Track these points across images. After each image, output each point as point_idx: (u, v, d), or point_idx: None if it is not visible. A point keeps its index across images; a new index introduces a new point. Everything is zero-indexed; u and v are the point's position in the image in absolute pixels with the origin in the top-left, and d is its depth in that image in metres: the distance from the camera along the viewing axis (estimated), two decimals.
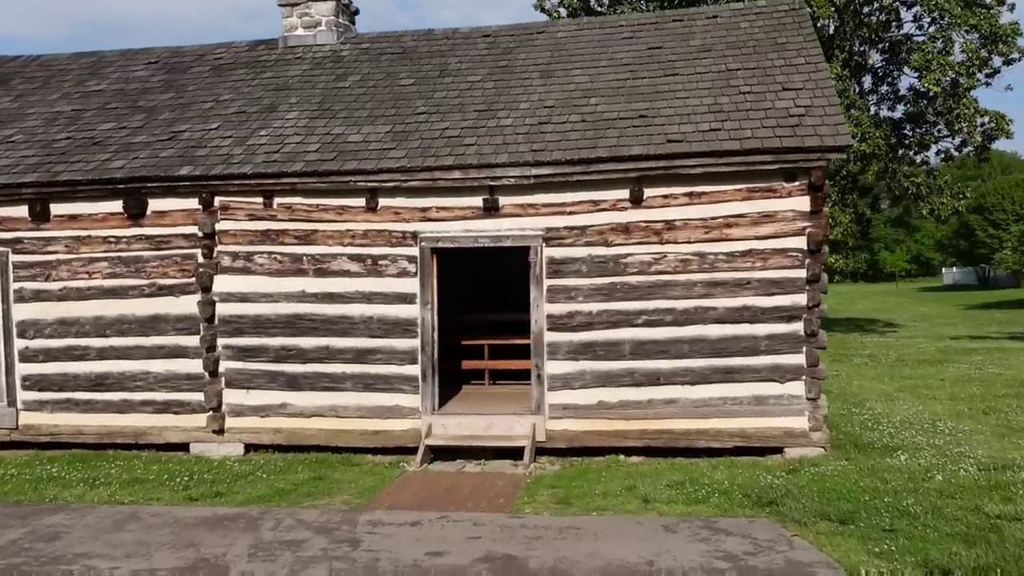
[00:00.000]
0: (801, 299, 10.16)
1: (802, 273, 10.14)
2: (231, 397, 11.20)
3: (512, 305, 12.69)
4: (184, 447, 11.27)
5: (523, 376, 12.36)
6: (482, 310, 13.87)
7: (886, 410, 13.02)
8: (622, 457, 10.49)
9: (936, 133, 28.61)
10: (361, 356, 10.91)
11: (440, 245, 10.74)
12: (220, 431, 11.19)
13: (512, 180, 10.39)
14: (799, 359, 10.20)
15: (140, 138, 11.82)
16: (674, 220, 10.33)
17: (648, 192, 10.33)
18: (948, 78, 25.30)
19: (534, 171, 10.32)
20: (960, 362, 18.95)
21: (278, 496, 9.10)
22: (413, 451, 10.71)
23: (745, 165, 10.01)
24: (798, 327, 10.17)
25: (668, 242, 10.35)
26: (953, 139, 28.31)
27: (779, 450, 10.27)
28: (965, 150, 28.65)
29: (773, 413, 10.26)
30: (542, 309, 10.57)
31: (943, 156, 29.75)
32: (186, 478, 9.87)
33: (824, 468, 9.45)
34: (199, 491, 9.32)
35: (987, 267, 69.26)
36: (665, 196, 10.34)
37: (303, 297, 11.01)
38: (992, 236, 63.08)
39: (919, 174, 28.51)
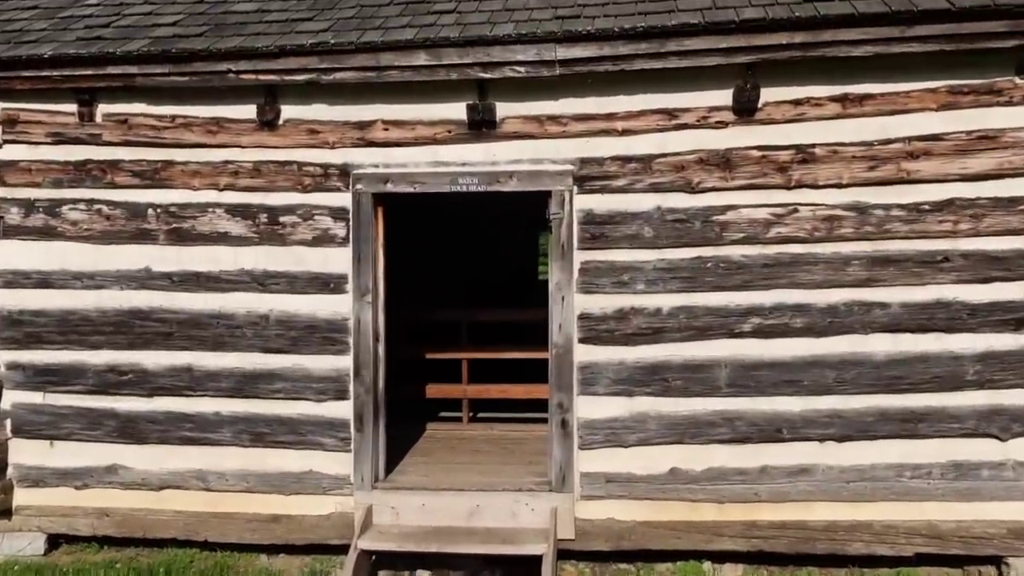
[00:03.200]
0: None
1: None
2: (22, 454, 6.42)
3: (511, 296, 8.06)
4: None
5: (524, 407, 7.77)
6: (459, 304, 9.21)
7: None
8: (711, 567, 5.90)
9: None
10: (248, 384, 6.20)
11: (390, 189, 6.05)
12: (4, 512, 6.41)
13: (521, 71, 5.74)
14: None
15: None
16: (812, 146, 5.74)
17: (767, 94, 5.73)
18: None
19: (561, 52, 5.67)
20: None
21: None
22: (339, 549, 6.05)
23: (951, 41, 5.45)
24: None
25: (801, 185, 5.76)
26: None
27: (996, 561, 5.74)
28: None
29: (987, 494, 5.72)
30: (570, 304, 5.93)
31: None
32: None
33: None
34: None
35: None
36: (797, 102, 5.74)
37: (148, 279, 6.26)
38: None
39: None
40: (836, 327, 5.76)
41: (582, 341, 5.93)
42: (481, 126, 5.92)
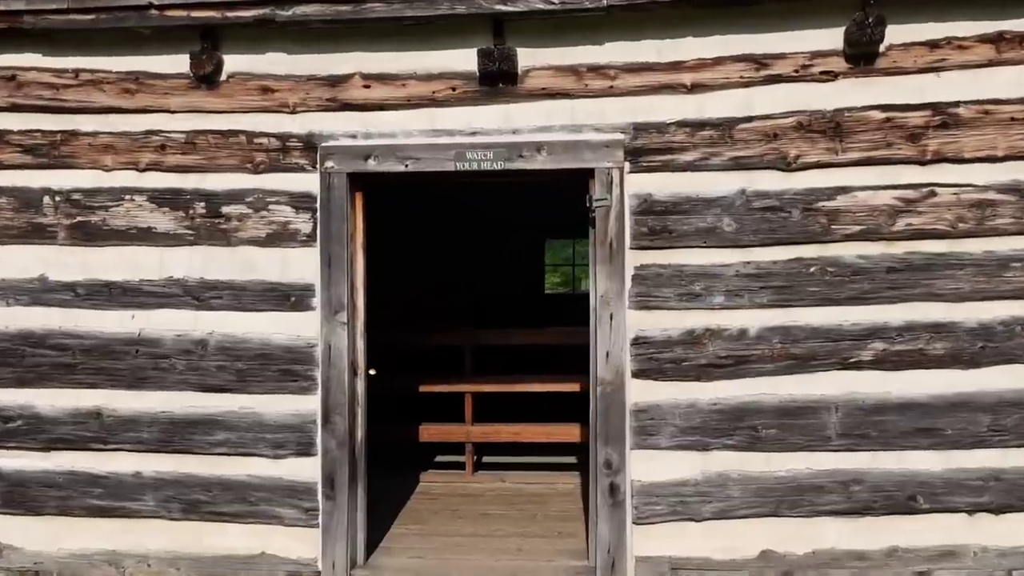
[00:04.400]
0: None
1: None
2: None
3: (517, 314, 6.45)
4: None
5: (540, 449, 6.21)
6: (460, 322, 7.58)
7: None
8: None
9: None
10: (179, 435, 4.53)
11: (373, 168, 4.42)
12: None
13: (555, 2, 4.15)
14: None
15: None
16: (955, 104, 4.15)
17: (893, 33, 4.14)
18: None
19: None
20: None
21: None
22: None
23: None
24: None
25: (940, 158, 4.17)
26: None
27: None
28: None
29: None
30: (621, 324, 4.30)
31: None
32: None
33: None
34: None
35: None
36: (933, 44, 4.15)
37: (43, 291, 4.60)
38: None
39: None
40: (991, 354, 4.15)
41: (638, 375, 4.31)
42: (497, 80, 4.31)
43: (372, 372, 4.71)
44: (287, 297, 4.45)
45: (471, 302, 10.62)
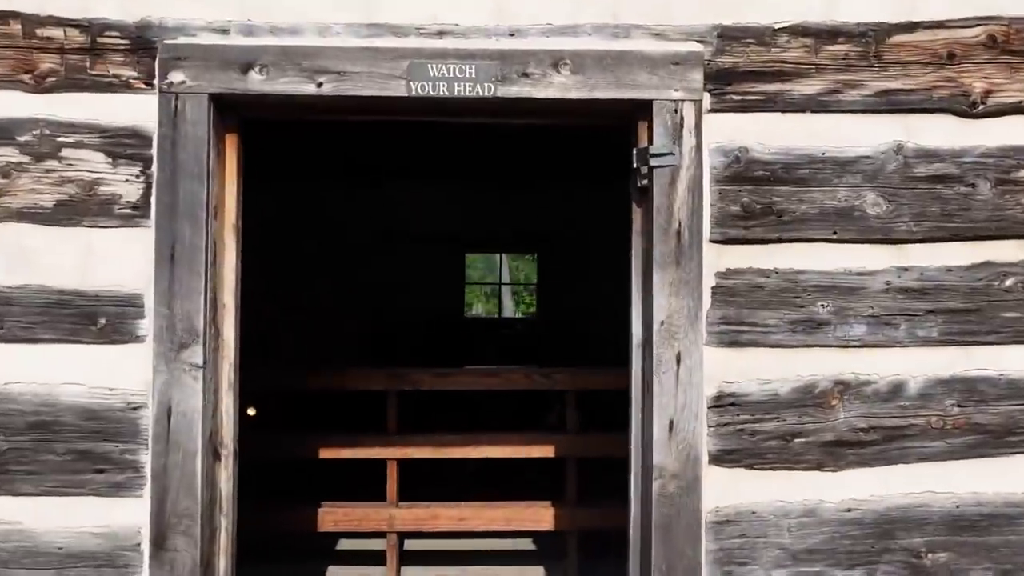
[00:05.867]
0: None
1: None
2: None
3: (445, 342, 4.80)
4: None
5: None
6: (383, 349, 5.76)
7: None
8: None
9: None
10: None
11: (255, 86, 2.44)
12: None
13: None
14: None
15: None
16: None
17: None
18: None
19: None
20: None
21: None
22: None
23: None
24: None
25: None
26: None
27: None
28: None
29: None
30: (693, 371, 2.46)
31: None
32: None
33: None
34: None
35: None
36: None
37: None
38: None
39: None
40: None
41: (720, 460, 2.48)
42: None
43: (251, 412, 2.74)
44: (91, 318, 2.43)
45: (380, 332, 8.67)
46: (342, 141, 6.16)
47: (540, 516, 4.40)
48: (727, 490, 2.49)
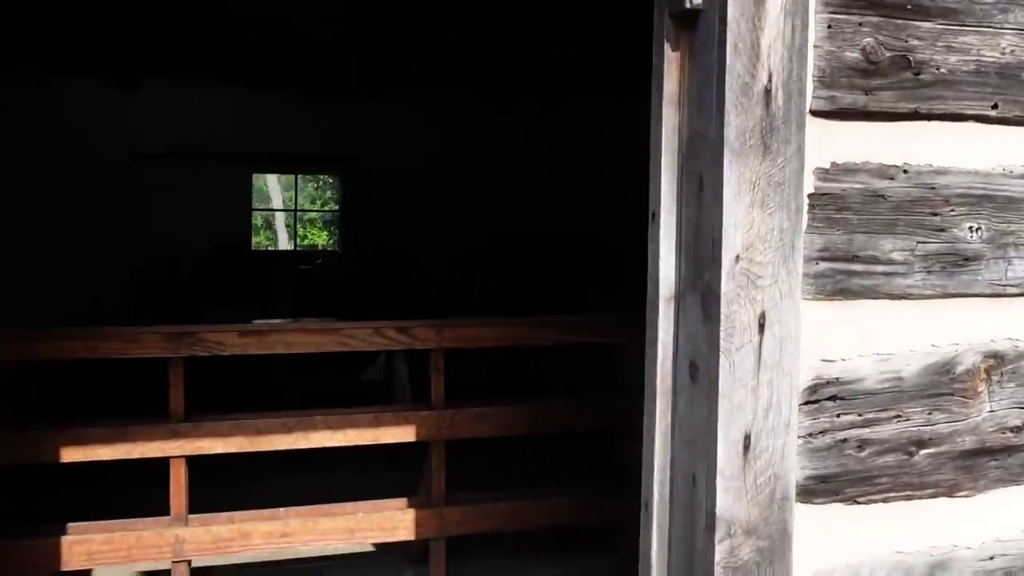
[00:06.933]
0: None
1: None
2: None
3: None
4: None
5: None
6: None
7: None
8: None
9: None
10: None
11: None
12: None
13: None
14: None
15: None
16: None
17: None
18: None
19: None
20: None
21: None
22: None
23: None
24: None
25: None
26: None
27: None
28: None
29: None
30: (788, 343, 1.38)
31: None
32: None
33: None
34: None
35: None
36: None
37: None
38: None
39: None
40: None
41: (810, 493, 1.43)
42: None
43: None
44: None
45: (135, 268, 6.96)
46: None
47: (394, 523, 3.21)
48: (821, 544, 1.45)
